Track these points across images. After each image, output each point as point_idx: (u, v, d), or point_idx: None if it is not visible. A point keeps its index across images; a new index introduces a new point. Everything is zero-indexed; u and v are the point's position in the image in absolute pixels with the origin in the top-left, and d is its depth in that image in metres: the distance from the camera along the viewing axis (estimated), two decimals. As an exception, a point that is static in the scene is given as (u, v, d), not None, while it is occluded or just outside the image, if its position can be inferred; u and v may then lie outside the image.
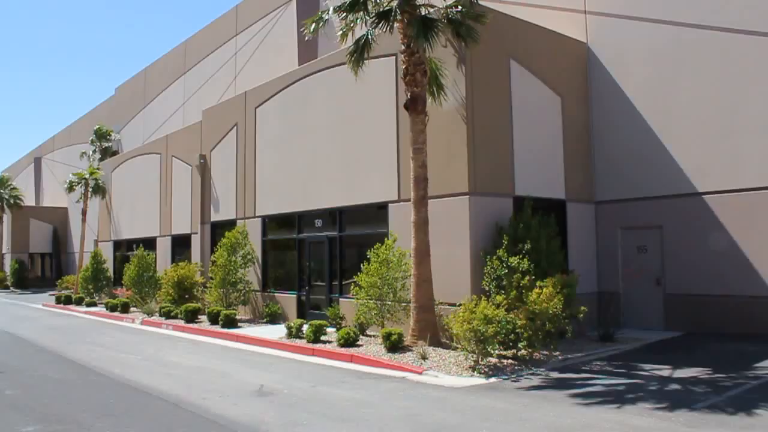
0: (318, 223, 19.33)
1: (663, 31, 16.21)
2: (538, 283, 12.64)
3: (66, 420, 8.86)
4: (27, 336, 19.27)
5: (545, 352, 12.80)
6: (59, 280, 43.24)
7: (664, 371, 11.37)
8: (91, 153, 43.47)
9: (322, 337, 15.34)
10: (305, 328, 15.81)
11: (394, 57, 16.24)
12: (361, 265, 15.59)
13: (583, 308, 12.87)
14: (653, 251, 16.49)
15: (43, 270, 54.28)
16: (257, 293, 21.46)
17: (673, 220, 16.01)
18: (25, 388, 11.20)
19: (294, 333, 15.98)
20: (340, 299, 17.87)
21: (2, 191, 52.61)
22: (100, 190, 35.75)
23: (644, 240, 16.66)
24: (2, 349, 16.49)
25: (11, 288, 49.79)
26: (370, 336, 15.50)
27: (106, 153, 42.58)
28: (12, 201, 52.23)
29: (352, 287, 16.11)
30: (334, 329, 16.06)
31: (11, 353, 15.68)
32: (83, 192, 36.57)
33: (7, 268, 51.99)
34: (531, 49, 16.23)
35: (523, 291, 12.76)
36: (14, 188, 53.39)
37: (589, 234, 17.30)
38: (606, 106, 17.29)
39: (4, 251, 53.84)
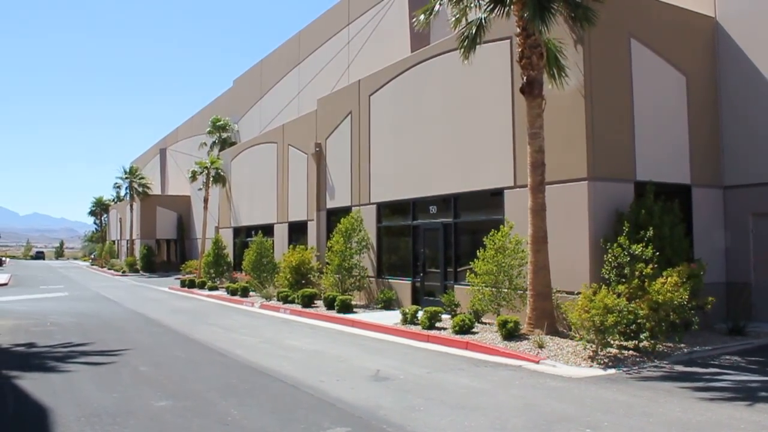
0: (432, 209, 19.31)
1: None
2: (663, 273, 12.09)
3: (193, 397, 9.30)
4: (155, 317, 20.41)
5: (669, 344, 12.27)
6: (183, 265, 45.55)
7: (803, 368, 10.64)
8: (211, 144, 45.34)
9: (437, 324, 15.36)
10: (420, 314, 15.87)
11: (508, 40, 15.91)
12: (476, 252, 15.44)
13: (710, 299, 12.20)
14: (789, 239, 15.40)
15: (169, 255, 57.41)
16: (371, 279, 21.73)
17: (812, 205, 14.88)
18: (156, 365, 11.86)
19: (409, 319, 16.08)
20: (455, 286, 17.80)
21: (132, 181, 56.00)
22: (220, 178, 37.32)
23: (779, 227, 15.58)
24: (134, 328, 17.54)
25: (140, 272, 52.93)
26: (485, 323, 15.38)
27: (225, 143, 44.25)
28: (141, 190, 55.61)
29: (467, 274, 16.01)
30: (448, 316, 16.04)
31: (142, 332, 16.65)
32: (204, 181, 38.26)
33: (137, 253, 55.36)
34: (653, 26, 15.48)
35: (646, 280, 12.24)
36: (143, 178, 56.78)
37: (717, 221, 16.36)
38: (737, 85, 16.23)
39: (134, 237, 57.33)
